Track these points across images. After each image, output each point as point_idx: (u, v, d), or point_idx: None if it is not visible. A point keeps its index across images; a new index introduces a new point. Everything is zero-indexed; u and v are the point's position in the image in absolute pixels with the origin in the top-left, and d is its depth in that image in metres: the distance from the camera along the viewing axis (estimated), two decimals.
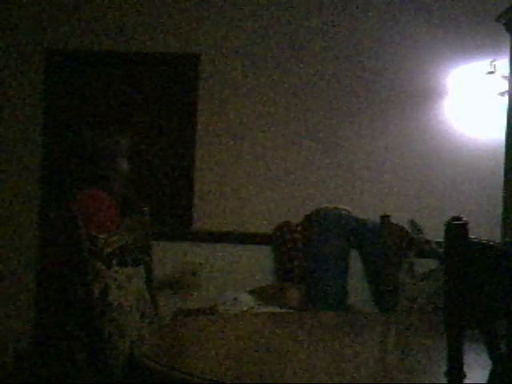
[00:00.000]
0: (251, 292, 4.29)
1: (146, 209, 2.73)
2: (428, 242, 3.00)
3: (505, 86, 4.02)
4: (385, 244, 3.20)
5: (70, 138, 4.59)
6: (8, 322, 4.54)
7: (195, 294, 4.50)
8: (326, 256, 4.25)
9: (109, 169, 3.22)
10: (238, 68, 4.55)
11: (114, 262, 2.38)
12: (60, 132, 4.60)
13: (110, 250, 2.33)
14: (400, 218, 3.25)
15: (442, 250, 2.79)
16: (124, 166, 3.27)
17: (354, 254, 4.44)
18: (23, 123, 4.59)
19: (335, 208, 4.37)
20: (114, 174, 3.23)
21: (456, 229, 1.42)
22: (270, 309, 4.04)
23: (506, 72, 3.94)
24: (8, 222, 4.58)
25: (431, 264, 2.97)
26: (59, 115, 4.60)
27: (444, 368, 1.44)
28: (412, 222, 3.13)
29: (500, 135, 4.03)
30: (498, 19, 3.90)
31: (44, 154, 4.58)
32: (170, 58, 4.59)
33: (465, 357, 1.43)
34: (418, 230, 3.08)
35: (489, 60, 4.28)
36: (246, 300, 4.15)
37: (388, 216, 3.21)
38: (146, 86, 4.59)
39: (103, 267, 2.28)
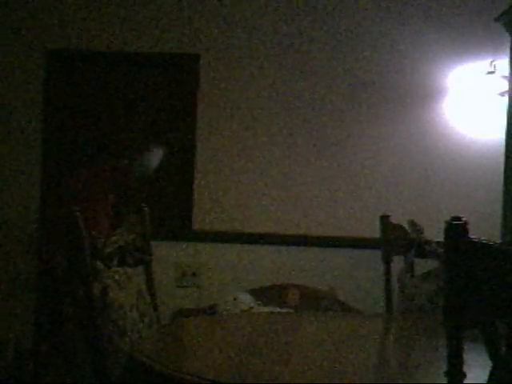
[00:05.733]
0: (251, 292, 4.30)
1: (145, 209, 2.73)
2: (428, 242, 3.00)
3: (505, 86, 4.02)
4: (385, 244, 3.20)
5: (70, 138, 4.59)
6: (8, 321, 4.54)
7: (195, 293, 4.51)
8: None
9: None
10: (238, 68, 4.55)
11: (114, 261, 2.39)
12: (60, 132, 4.60)
13: (109, 249, 2.33)
14: (400, 218, 3.25)
15: (441, 250, 2.78)
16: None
17: (353, 255, 4.44)
18: (23, 123, 4.58)
19: None
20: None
21: (456, 229, 1.42)
22: (269, 309, 4.05)
23: (506, 72, 3.94)
24: (8, 222, 4.58)
25: (431, 264, 2.96)
26: (59, 115, 4.60)
27: (444, 368, 1.44)
28: (412, 222, 3.13)
29: (500, 135, 4.02)
30: (497, 19, 3.90)
31: (44, 153, 4.58)
32: (170, 57, 4.59)
33: (465, 357, 1.43)
34: (418, 230, 3.08)
35: (489, 60, 4.28)
36: (246, 300, 4.15)
37: (388, 216, 3.21)
38: (146, 86, 4.58)
39: (103, 267, 2.28)
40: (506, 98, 3.93)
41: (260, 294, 4.29)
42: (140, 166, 4.20)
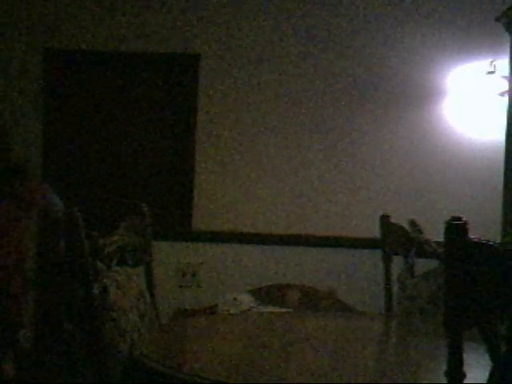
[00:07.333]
0: (251, 292, 4.30)
1: (145, 209, 2.73)
2: (428, 241, 3.00)
3: (505, 86, 4.02)
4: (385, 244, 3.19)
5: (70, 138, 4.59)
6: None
7: (195, 293, 4.51)
8: None
9: None
10: (238, 68, 4.55)
11: (114, 262, 2.38)
12: (60, 132, 4.60)
13: (109, 249, 2.33)
14: (400, 218, 3.25)
15: (441, 250, 2.78)
16: None
17: (353, 255, 4.45)
18: (23, 123, 4.58)
19: None
20: None
21: (456, 229, 1.42)
22: (270, 309, 4.05)
23: (506, 72, 3.94)
24: None
25: (431, 264, 2.96)
26: (59, 115, 4.60)
27: (444, 368, 1.44)
28: (412, 222, 3.13)
29: (500, 135, 4.02)
30: (498, 19, 3.90)
31: (44, 153, 4.58)
32: (170, 58, 4.59)
33: (465, 357, 1.43)
34: (418, 230, 3.08)
35: (489, 60, 4.27)
36: (246, 300, 4.15)
37: (388, 216, 3.21)
38: (146, 86, 4.58)
39: (103, 267, 2.28)
40: (506, 98, 3.93)
41: (260, 294, 4.29)
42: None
